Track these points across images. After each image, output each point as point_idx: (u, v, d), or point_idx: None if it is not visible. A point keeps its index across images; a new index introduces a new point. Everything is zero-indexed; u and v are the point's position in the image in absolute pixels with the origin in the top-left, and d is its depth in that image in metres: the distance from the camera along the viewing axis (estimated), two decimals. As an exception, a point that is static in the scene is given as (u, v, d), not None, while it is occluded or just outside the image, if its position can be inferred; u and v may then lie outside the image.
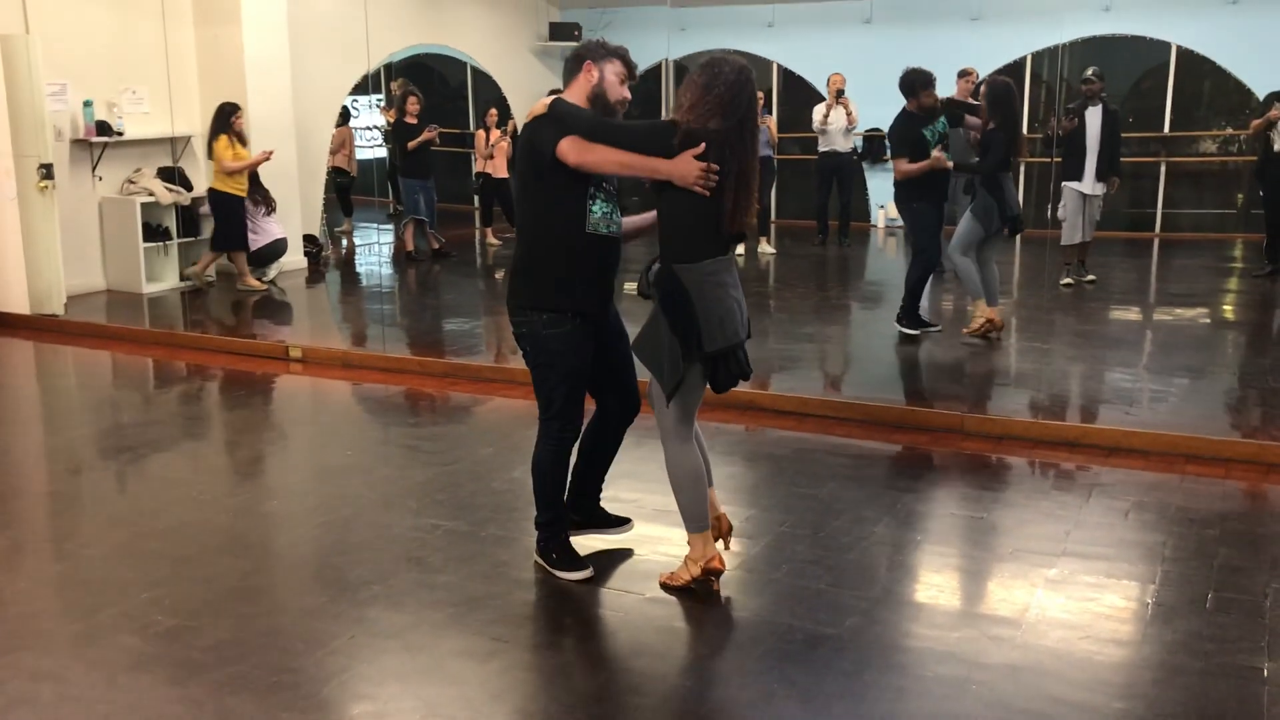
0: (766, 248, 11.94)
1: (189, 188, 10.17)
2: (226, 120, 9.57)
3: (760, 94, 4.11)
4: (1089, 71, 9.61)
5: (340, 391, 7.07)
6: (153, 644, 3.56)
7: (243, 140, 9.75)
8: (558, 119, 3.76)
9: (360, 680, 3.36)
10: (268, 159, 9.84)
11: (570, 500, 4.22)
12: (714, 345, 3.68)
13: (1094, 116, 9.39)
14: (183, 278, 10.02)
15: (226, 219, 9.74)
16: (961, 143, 8.40)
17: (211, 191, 9.76)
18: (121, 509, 5.03)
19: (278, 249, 10.25)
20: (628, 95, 3.94)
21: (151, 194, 9.81)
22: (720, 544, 4.00)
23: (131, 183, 9.89)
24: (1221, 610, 3.76)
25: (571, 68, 3.93)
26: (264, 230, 10.13)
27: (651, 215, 3.97)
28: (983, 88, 7.60)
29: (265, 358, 7.77)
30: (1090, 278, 9.77)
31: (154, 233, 9.89)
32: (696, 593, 3.88)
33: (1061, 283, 9.62)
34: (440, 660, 3.49)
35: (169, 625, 3.68)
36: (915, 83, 7.38)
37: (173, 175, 10.12)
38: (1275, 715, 3.15)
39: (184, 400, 7.09)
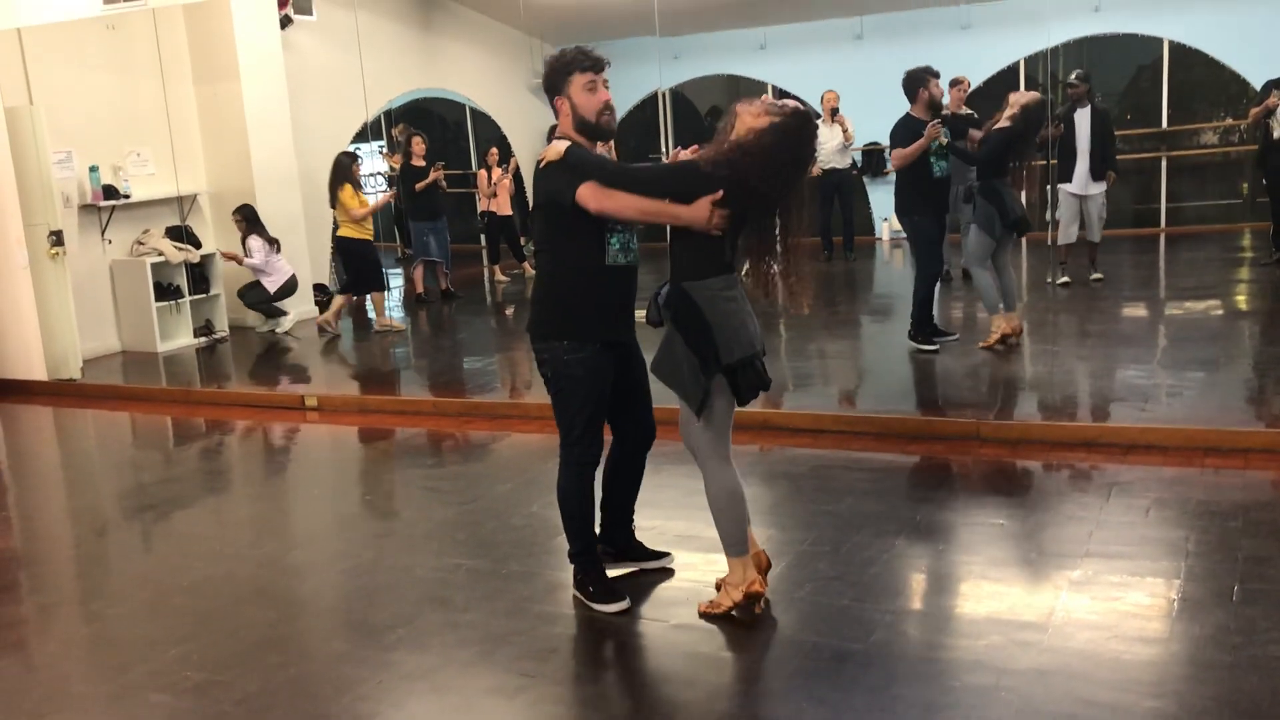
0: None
1: (197, 245, 10.29)
2: (347, 171, 9.79)
3: None
4: (1073, 75, 9.79)
5: (357, 437, 7.11)
6: (183, 700, 3.58)
7: (360, 186, 10.05)
8: (572, 168, 3.72)
9: (390, 724, 3.38)
10: (390, 200, 10.64)
11: (603, 533, 4.24)
12: (731, 356, 3.71)
13: (1083, 118, 9.52)
14: (320, 330, 10.25)
15: (361, 263, 10.04)
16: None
17: (341, 239, 10.04)
18: (147, 567, 5.08)
19: (291, 285, 10.38)
20: (606, 96, 3.84)
21: (161, 253, 9.93)
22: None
23: (140, 243, 10.01)
24: (1248, 602, 3.74)
25: (552, 106, 3.91)
26: (277, 270, 10.27)
27: None
28: (1016, 95, 7.44)
29: (282, 408, 7.83)
30: (1097, 275, 9.77)
31: (165, 292, 9.99)
32: (735, 617, 3.87)
33: (1059, 282, 9.65)
34: (469, 699, 3.50)
35: (198, 680, 3.70)
36: (923, 75, 7.23)
37: (181, 234, 10.23)
38: (1308, 704, 3.13)
39: (204, 456, 7.14)
